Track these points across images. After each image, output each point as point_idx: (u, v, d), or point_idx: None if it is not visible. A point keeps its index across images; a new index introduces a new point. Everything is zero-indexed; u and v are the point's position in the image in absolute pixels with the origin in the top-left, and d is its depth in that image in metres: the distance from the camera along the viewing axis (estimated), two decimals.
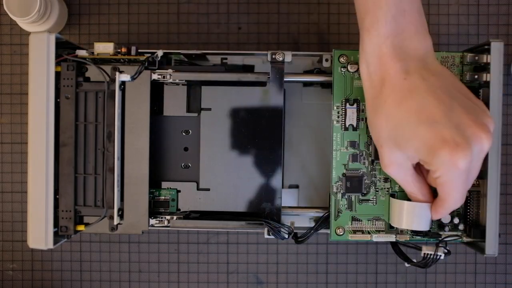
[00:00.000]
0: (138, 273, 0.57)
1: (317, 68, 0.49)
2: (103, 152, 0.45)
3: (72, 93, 0.44)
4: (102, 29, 0.57)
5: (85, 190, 0.45)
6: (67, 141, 0.44)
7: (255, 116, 0.46)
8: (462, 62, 0.45)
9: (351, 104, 0.45)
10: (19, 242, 0.57)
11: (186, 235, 0.57)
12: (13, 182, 0.57)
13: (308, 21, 0.56)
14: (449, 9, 0.56)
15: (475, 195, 0.45)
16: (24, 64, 0.57)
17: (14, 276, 0.57)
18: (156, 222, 0.46)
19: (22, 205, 0.57)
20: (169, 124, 0.48)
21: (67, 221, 0.45)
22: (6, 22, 0.56)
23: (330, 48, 0.56)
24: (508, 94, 0.55)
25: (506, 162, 0.55)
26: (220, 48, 0.56)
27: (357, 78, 0.45)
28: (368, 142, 0.45)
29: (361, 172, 0.45)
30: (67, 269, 0.57)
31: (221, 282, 0.57)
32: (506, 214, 0.56)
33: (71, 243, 0.57)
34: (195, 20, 0.56)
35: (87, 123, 0.45)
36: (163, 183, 0.48)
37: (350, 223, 0.46)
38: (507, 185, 0.56)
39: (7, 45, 0.57)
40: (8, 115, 0.57)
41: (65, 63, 0.44)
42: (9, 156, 0.57)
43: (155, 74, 0.45)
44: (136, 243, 0.57)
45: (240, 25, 0.56)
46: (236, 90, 0.47)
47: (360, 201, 0.46)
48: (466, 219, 0.45)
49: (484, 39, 0.55)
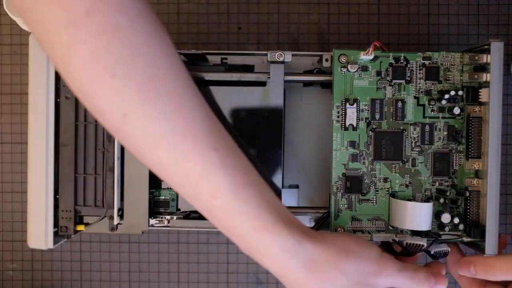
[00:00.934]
0: (138, 273, 0.57)
1: (317, 68, 0.49)
2: (103, 152, 0.45)
3: (72, 93, 0.44)
4: None
5: (85, 190, 0.45)
6: (67, 141, 0.44)
7: (255, 116, 0.46)
8: (462, 62, 0.45)
9: (351, 104, 0.45)
10: (19, 242, 0.57)
11: (186, 235, 0.57)
12: (13, 182, 0.57)
13: (308, 21, 0.56)
14: (449, 9, 0.56)
15: (475, 195, 0.45)
16: (24, 64, 0.57)
17: (14, 276, 0.57)
18: (156, 222, 0.46)
19: (22, 205, 0.57)
20: None
21: (67, 221, 0.45)
22: (6, 22, 0.56)
23: (330, 48, 0.56)
24: (508, 94, 0.55)
25: (506, 162, 0.55)
26: (220, 48, 0.56)
27: (357, 78, 0.45)
28: (368, 142, 0.45)
29: (361, 172, 0.45)
30: (67, 269, 0.57)
31: (221, 282, 0.57)
32: (506, 214, 0.56)
33: (71, 243, 0.57)
34: (195, 20, 0.56)
35: (87, 123, 0.45)
36: (163, 183, 0.48)
37: (350, 223, 0.46)
38: (507, 185, 0.55)
39: (7, 45, 0.57)
40: (8, 115, 0.57)
41: None
42: (9, 156, 0.57)
43: None
44: (136, 243, 0.57)
45: (240, 25, 0.56)
46: (236, 90, 0.47)
47: (360, 201, 0.46)
48: (466, 219, 0.45)
49: (484, 39, 0.55)
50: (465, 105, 0.45)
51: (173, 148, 0.33)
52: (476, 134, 0.45)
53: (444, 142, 0.45)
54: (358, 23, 0.56)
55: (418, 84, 0.45)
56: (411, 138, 0.46)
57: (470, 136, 0.45)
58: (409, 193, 0.46)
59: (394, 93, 0.46)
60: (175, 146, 0.33)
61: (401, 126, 0.46)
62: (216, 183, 0.34)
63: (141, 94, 0.32)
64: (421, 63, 0.45)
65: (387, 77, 0.45)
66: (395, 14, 0.55)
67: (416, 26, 0.55)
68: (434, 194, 0.45)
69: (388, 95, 0.45)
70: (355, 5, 0.56)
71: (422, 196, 0.46)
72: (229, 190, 0.35)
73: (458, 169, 0.45)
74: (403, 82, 0.45)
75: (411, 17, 0.55)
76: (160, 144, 0.33)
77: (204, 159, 0.34)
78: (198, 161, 0.34)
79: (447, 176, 0.45)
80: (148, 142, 0.33)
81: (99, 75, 0.31)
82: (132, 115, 0.32)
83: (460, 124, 0.45)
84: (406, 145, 0.46)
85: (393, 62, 0.46)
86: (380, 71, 0.45)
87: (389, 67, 0.45)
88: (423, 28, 0.55)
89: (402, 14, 0.55)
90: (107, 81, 0.31)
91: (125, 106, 0.32)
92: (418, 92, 0.45)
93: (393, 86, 0.46)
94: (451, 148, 0.45)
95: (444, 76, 0.45)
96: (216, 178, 0.34)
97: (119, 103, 0.32)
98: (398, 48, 0.55)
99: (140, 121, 0.32)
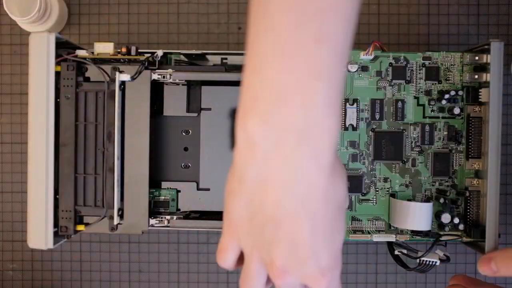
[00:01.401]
0: (138, 273, 0.57)
1: None
2: (103, 152, 0.45)
3: (72, 93, 0.44)
4: (102, 29, 0.56)
5: (85, 190, 0.45)
6: (67, 141, 0.44)
7: None
8: (462, 62, 0.45)
9: (351, 104, 0.45)
10: (19, 242, 0.57)
11: (186, 235, 0.57)
12: (13, 182, 0.57)
13: None
14: (449, 9, 0.55)
15: (475, 195, 0.45)
16: (24, 64, 0.56)
17: (14, 276, 0.57)
18: (156, 222, 0.46)
19: (22, 205, 0.57)
20: (169, 124, 0.48)
21: (67, 221, 0.45)
22: (6, 22, 0.56)
23: None
24: (508, 94, 0.55)
25: (506, 162, 0.55)
26: (220, 48, 0.56)
27: (357, 78, 0.45)
28: (368, 142, 0.45)
29: (361, 172, 0.45)
30: (67, 269, 0.57)
31: (221, 282, 0.57)
32: (506, 214, 0.56)
33: (71, 243, 0.57)
34: (195, 20, 0.56)
35: (87, 123, 0.45)
36: (163, 183, 0.48)
37: (350, 223, 0.46)
38: (507, 185, 0.55)
39: (7, 45, 0.57)
40: (8, 115, 0.57)
41: (65, 63, 0.44)
42: (9, 156, 0.57)
43: (155, 74, 0.45)
44: (136, 243, 0.57)
45: (240, 25, 0.56)
46: (236, 90, 0.47)
47: (360, 201, 0.46)
48: (466, 219, 0.45)
49: (484, 39, 0.55)
50: (465, 105, 0.45)
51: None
52: (476, 134, 0.45)
53: (444, 142, 0.45)
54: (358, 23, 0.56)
55: (418, 84, 0.45)
56: (411, 138, 0.46)
57: (470, 136, 0.45)
58: (409, 193, 0.46)
59: (394, 93, 0.46)
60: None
61: (401, 126, 0.46)
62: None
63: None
64: (421, 63, 0.45)
65: (387, 77, 0.46)
66: (395, 14, 0.55)
67: (416, 26, 0.55)
68: (434, 194, 0.45)
69: (388, 95, 0.45)
70: None
71: (422, 196, 0.46)
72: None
73: (458, 169, 0.45)
74: (403, 82, 0.45)
75: (411, 17, 0.55)
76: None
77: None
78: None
79: (447, 176, 0.45)
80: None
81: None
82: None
83: (460, 124, 0.45)
84: (406, 145, 0.46)
85: (393, 62, 0.46)
86: (380, 71, 0.45)
87: (389, 67, 0.45)
88: (423, 28, 0.55)
89: (402, 14, 0.55)
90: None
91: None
92: (418, 92, 0.45)
93: (393, 86, 0.46)
94: (451, 148, 0.46)
95: (444, 76, 0.45)
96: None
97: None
98: (398, 48, 0.55)
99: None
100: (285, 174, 0.31)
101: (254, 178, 0.32)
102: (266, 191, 0.32)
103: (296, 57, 0.28)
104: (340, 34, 0.29)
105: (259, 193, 0.32)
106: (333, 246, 0.33)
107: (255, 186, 0.32)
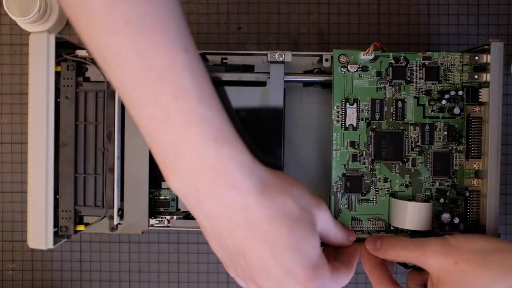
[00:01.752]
0: (138, 273, 0.57)
1: (317, 68, 0.49)
2: (103, 152, 0.45)
3: (72, 93, 0.44)
4: None
5: (85, 190, 0.45)
6: (67, 141, 0.44)
7: (255, 116, 0.46)
8: (462, 62, 0.45)
9: (351, 104, 0.45)
10: (19, 242, 0.57)
11: (186, 235, 0.57)
12: (13, 182, 0.57)
13: (308, 21, 0.56)
14: (449, 9, 0.56)
15: (475, 195, 0.45)
16: (24, 64, 0.57)
17: (14, 276, 0.57)
18: (156, 222, 0.46)
19: (22, 205, 0.57)
20: None
21: (67, 221, 0.45)
22: (6, 22, 0.56)
23: (330, 48, 0.56)
24: (508, 94, 0.55)
25: (506, 162, 0.55)
26: (220, 48, 0.56)
27: (357, 78, 0.45)
28: (368, 142, 0.45)
29: (361, 172, 0.45)
30: (67, 269, 0.57)
31: (221, 282, 0.57)
32: (506, 214, 0.56)
33: (71, 243, 0.57)
34: (195, 20, 0.56)
35: (87, 123, 0.45)
36: (163, 183, 0.48)
37: (350, 223, 0.46)
38: (507, 185, 0.56)
39: (7, 45, 0.57)
40: (8, 115, 0.57)
41: (65, 63, 0.44)
42: (9, 156, 0.57)
43: None
44: (136, 243, 0.57)
45: (240, 25, 0.56)
46: (236, 90, 0.47)
47: (360, 201, 0.46)
48: (466, 219, 0.45)
49: (484, 39, 0.55)
50: (465, 105, 0.45)
51: (139, 36, 0.30)
52: (476, 134, 0.45)
53: (444, 142, 0.45)
54: (358, 23, 0.56)
55: (418, 84, 0.45)
56: (411, 138, 0.46)
57: (470, 136, 0.45)
58: (409, 193, 0.46)
59: (394, 93, 0.46)
60: (141, 35, 0.30)
61: (401, 126, 0.46)
62: (180, 83, 0.31)
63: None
64: (421, 63, 0.45)
65: (387, 77, 0.46)
66: (395, 14, 0.56)
67: (416, 26, 0.55)
68: (434, 194, 0.46)
69: (388, 95, 0.45)
70: (355, 5, 0.56)
71: (422, 196, 0.46)
72: (194, 94, 0.31)
73: (458, 169, 0.45)
74: (403, 82, 0.45)
75: (411, 17, 0.56)
76: (124, 29, 0.29)
77: (172, 56, 0.30)
78: (165, 56, 0.30)
79: (447, 176, 0.45)
80: (111, 24, 0.29)
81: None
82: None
83: (460, 124, 0.45)
84: (406, 145, 0.46)
85: (393, 62, 0.46)
86: (380, 71, 0.45)
87: (389, 67, 0.45)
88: (423, 28, 0.55)
89: (402, 14, 0.55)
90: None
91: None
92: (418, 92, 0.45)
93: (393, 86, 0.46)
94: (451, 148, 0.46)
95: (444, 76, 0.45)
96: (181, 79, 0.31)
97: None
98: (398, 48, 0.55)
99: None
100: (219, 210, 0.33)
101: (205, 222, 0.35)
102: (220, 231, 0.34)
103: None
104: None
105: (216, 233, 0.35)
106: (304, 257, 0.34)
107: (210, 229, 0.35)
